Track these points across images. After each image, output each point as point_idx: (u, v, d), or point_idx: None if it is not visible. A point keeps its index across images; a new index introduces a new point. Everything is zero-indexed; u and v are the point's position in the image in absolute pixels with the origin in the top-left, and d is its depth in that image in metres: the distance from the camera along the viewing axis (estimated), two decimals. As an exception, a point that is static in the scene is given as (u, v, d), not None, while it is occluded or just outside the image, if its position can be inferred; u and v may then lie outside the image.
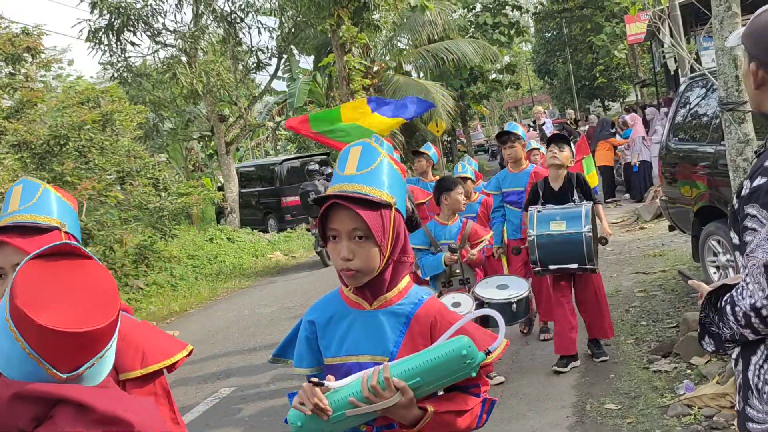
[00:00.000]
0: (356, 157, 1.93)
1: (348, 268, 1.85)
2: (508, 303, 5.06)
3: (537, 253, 5.33)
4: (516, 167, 6.46)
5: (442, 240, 5.43)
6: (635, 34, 23.46)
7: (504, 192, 6.46)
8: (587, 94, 42.42)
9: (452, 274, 5.39)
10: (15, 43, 13.13)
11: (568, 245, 5.23)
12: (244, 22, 17.88)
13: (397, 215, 1.90)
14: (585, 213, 5.27)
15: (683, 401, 4.52)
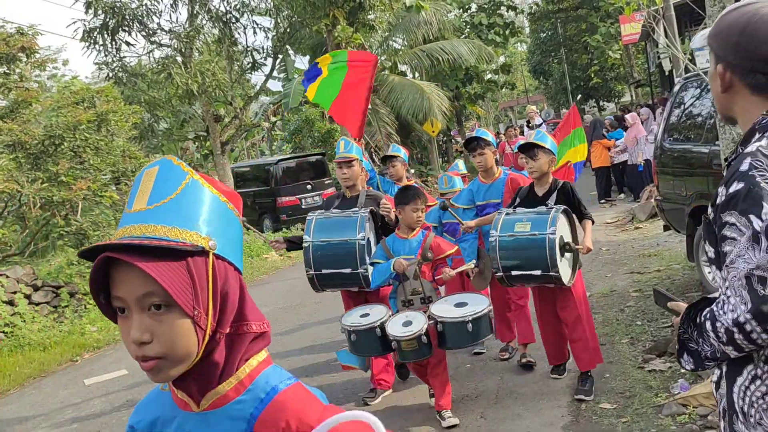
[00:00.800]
0: (149, 183, 1.25)
1: (145, 357, 1.20)
2: (463, 322, 4.64)
3: (498, 255, 4.85)
4: (488, 177, 5.86)
5: (401, 255, 4.95)
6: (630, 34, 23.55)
7: (479, 205, 5.84)
8: (582, 95, 42.51)
9: (413, 291, 4.96)
10: (9, 42, 13.11)
11: (530, 249, 4.72)
12: (239, 22, 17.85)
13: (220, 264, 1.24)
14: (552, 216, 4.73)
15: (678, 400, 4.54)
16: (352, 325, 4.89)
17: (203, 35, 17.91)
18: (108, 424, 6.28)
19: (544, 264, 4.67)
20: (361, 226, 5.18)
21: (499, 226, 4.88)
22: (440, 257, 5.00)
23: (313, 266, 5.23)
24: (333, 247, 5.21)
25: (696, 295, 6.86)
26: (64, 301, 10.88)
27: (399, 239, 5.08)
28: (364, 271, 5.13)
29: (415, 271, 4.92)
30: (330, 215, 5.37)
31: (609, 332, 6.36)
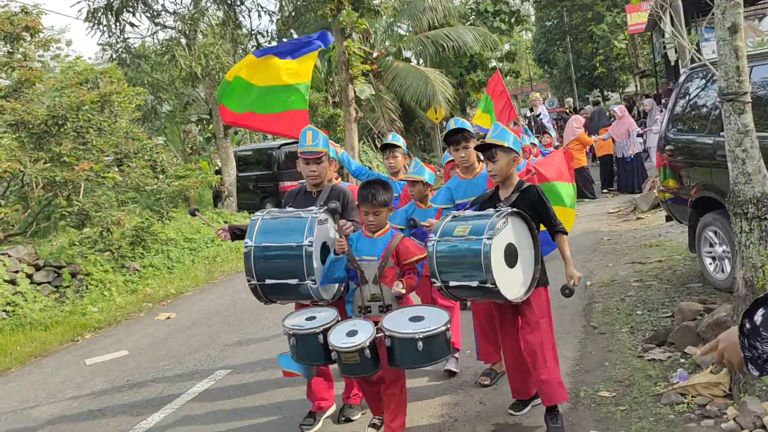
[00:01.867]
0: None
1: None
2: (412, 339, 4.03)
3: (435, 263, 4.12)
4: (469, 173, 5.27)
5: (363, 256, 4.46)
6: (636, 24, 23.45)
7: (459, 204, 5.18)
8: (587, 84, 42.38)
9: (372, 297, 4.41)
10: (13, 22, 13.07)
11: (466, 256, 4.02)
12: (244, 5, 17.81)
13: None
14: (493, 220, 4.02)
15: (677, 390, 4.55)
16: (293, 328, 4.36)
17: (208, 17, 17.86)
18: (109, 403, 6.32)
19: (480, 275, 3.94)
20: (310, 230, 4.35)
21: (439, 229, 4.20)
22: (407, 262, 4.46)
23: (255, 275, 4.42)
24: (276, 253, 4.40)
25: (697, 287, 6.87)
26: (66, 281, 10.91)
27: (363, 237, 4.57)
28: (312, 283, 4.33)
29: (376, 275, 4.38)
30: (278, 215, 4.58)
31: (609, 321, 6.37)
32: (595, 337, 6.06)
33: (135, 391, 6.54)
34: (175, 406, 5.95)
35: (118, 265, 11.88)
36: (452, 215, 4.31)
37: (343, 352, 4.12)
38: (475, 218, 4.16)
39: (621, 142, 14.71)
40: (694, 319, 5.51)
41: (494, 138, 4.40)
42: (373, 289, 4.40)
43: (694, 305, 5.74)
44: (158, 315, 9.74)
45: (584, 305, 7.09)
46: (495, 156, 4.36)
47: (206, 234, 14.13)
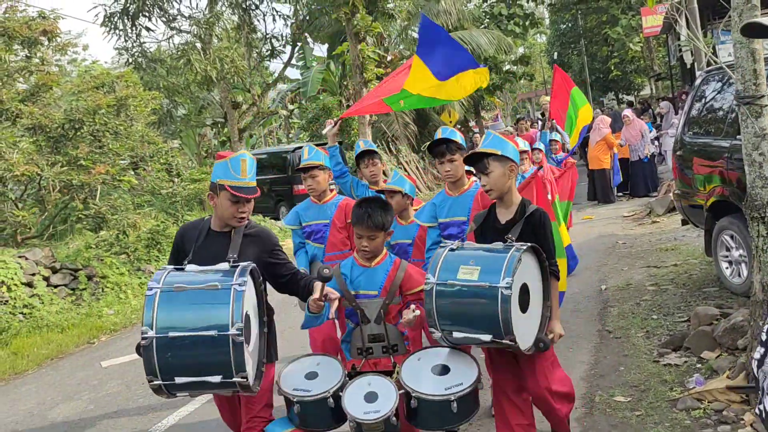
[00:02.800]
0: None
1: None
2: (446, 401, 3.42)
3: (435, 309, 3.40)
4: (456, 189, 4.65)
5: (361, 290, 3.78)
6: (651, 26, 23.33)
7: (442, 223, 4.65)
8: (601, 87, 42.21)
9: (373, 338, 3.77)
10: (31, 26, 13.19)
11: (477, 304, 3.32)
12: (258, 9, 17.89)
13: None
14: (511, 260, 3.31)
15: (693, 395, 4.52)
16: (296, 394, 3.63)
17: (223, 22, 17.97)
18: (124, 405, 6.36)
19: (496, 328, 3.27)
20: (237, 309, 3.13)
21: (438, 267, 3.43)
22: (412, 292, 3.78)
23: (160, 373, 3.16)
24: (191, 344, 3.14)
25: (713, 291, 6.82)
26: (82, 283, 10.99)
27: (358, 267, 3.83)
28: (242, 380, 3.16)
29: (380, 313, 3.75)
30: (184, 284, 3.25)
31: (624, 325, 6.34)
32: (610, 341, 6.03)
33: (150, 394, 6.56)
34: (189, 408, 5.97)
35: (134, 267, 11.95)
36: (449, 247, 3.53)
37: (366, 423, 3.42)
38: (484, 257, 3.44)
39: (635, 144, 14.64)
40: (711, 323, 5.48)
41: (486, 147, 3.74)
42: (376, 329, 3.76)
43: (711, 310, 5.70)
44: (173, 318, 9.77)
45: (599, 309, 7.06)
46: (487, 167, 3.69)
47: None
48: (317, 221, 5.44)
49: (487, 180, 3.71)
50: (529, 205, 3.77)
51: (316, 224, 5.45)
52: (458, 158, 4.51)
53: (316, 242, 5.46)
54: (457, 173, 4.55)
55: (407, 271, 3.85)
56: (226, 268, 3.31)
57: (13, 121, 12.40)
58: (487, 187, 3.73)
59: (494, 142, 3.77)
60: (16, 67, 13.54)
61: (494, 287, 3.25)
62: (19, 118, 12.37)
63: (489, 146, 3.74)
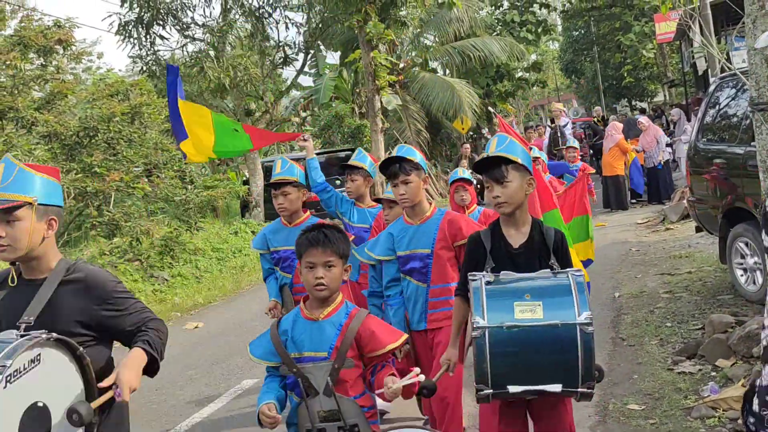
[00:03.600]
0: None
1: None
2: None
3: (490, 362, 2.74)
4: (416, 216, 3.94)
5: (305, 352, 2.85)
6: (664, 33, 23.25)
7: (401, 257, 3.94)
8: (614, 94, 42.09)
9: (326, 416, 2.77)
10: (47, 35, 13.33)
11: (548, 349, 2.76)
12: (272, 17, 17.97)
13: None
14: (579, 290, 2.84)
15: (707, 403, 4.49)
16: None
17: (236, 30, 18.05)
18: (137, 411, 6.38)
19: (571, 375, 2.78)
20: None
21: (484, 307, 2.75)
22: (375, 355, 2.86)
23: None
24: None
25: (728, 299, 6.77)
26: (96, 290, 11.04)
27: (303, 320, 2.91)
28: None
29: (328, 382, 2.76)
30: None
31: (638, 333, 6.31)
32: (624, 349, 6.00)
33: (163, 400, 6.59)
34: (203, 414, 5.99)
35: (147, 274, 12.01)
36: (485, 281, 2.87)
37: None
38: (540, 288, 2.85)
39: (650, 151, 14.58)
40: (725, 331, 5.44)
41: (503, 152, 3.06)
42: (327, 403, 2.77)
43: (725, 317, 5.66)
44: (186, 324, 9.82)
45: (613, 317, 7.02)
46: (505, 176, 3.03)
47: (233, 244, 14.25)
48: (286, 247, 4.68)
49: (503, 192, 3.03)
50: (542, 224, 3.20)
51: (285, 250, 4.74)
52: (415, 180, 3.85)
53: (284, 271, 4.85)
54: (413, 197, 3.88)
55: (367, 323, 2.86)
56: (9, 338, 2.31)
57: (28, 129, 12.52)
58: (501, 200, 3.04)
59: (512, 148, 3.10)
60: (32, 76, 13.68)
61: (570, 325, 2.73)
62: (35, 126, 12.49)
63: (507, 152, 3.07)
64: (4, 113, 12.28)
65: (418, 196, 3.91)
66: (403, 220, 4.02)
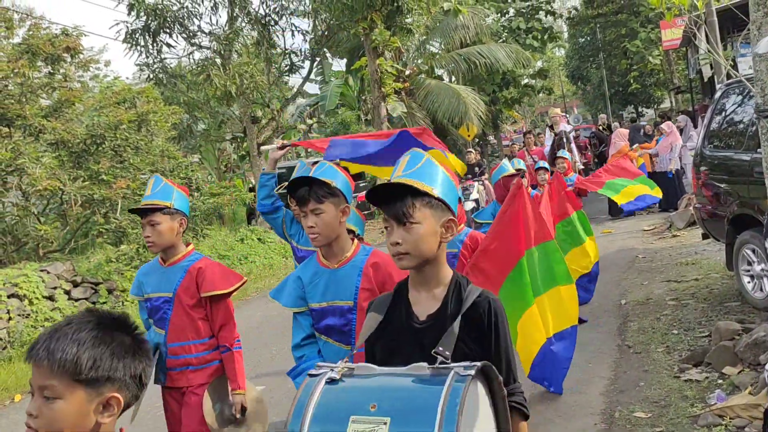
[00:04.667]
0: None
1: None
2: None
3: None
4: (333, 256, 3.09)
5: None
6: (670, 39, 23.26)
7: (315, 310, 3.09)
8: (621, 100, 42.05)
9: None
10: (54, 43, 13.40)
11: None
12: (278, 25, 18.04)
13: None
14: (449, 402, 1.75)
15: (714, 411, 4.47)
16: None
17: (242, 38, 18.13)
18: (142, 417, 6.38)
19: None
20: None
21: (306, 420, 1.84)
22: None
23: None
24: None
25: (735, 306, 6.75)
26: (103, 297, 11.08)
27: None
28: None
29: None
30: None
31: (644, 341, 6.28)
32: (630, 356, 5.98)
33: (169, 407, 6.59)
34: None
35: (154, 281, 12.03)
36: (326, 375, 1.94)
37: None
38: (396, 393, 1.87)
39: (662, 156, 14.55)
40: (732, 338, 5.42)
41: (412, 177, 2.14)
42: None
43: (732, 325, 5.64)
44: (192, 331, 9.82)
45: (619, 324, 7.00)
46: (411, 214, 2.12)
47: (239, 251, 14.27)
48: (159, 293, 3.74)
49: (406, 237, 2.11)
50: (468, 285, 2.17)
51: (157, 297, 3.74)
52: (329, 210, 2.95)
53: (157, 325, 3.77)
54: (327, 232, 2.96)
55: None
56: None
57: (36, 137, 12.58)
58: (401, 248, 2.11)
59: (428, 172, 2.17)
60: (40, 84, 13.74)
61: None
62: (42, 134, 12.54)
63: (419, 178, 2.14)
64: (12, 121, 12.34)
65: (335, 231, 2.98)
66: (316, 260, 3.12)
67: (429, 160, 2.19)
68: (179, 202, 3.69)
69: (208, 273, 3.71)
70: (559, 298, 4.93)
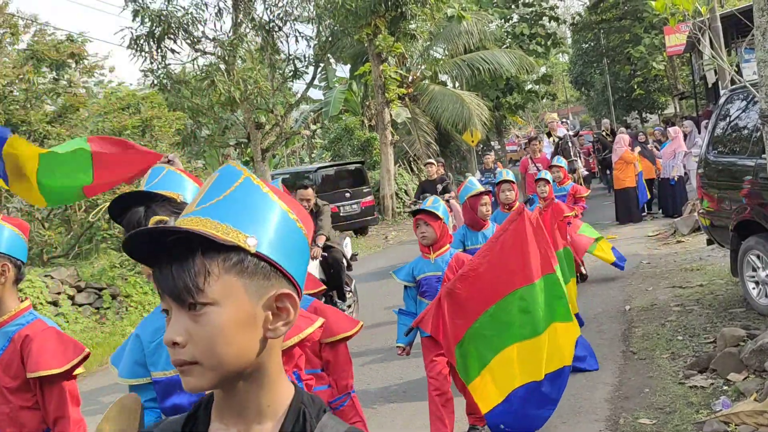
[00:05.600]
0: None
1: None
2: None
3: None
4: None
5: None
6: (674, 45, 23.26)
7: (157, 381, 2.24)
8: (625, 106, 42.01)
9: None
10: (59, 49, 13.45)
11: None
12: (282, 31, 18.07)
13: None
14: None
15: (719, 418, 4.44)
16: None
17: (246, 43, 18.15)
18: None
19: None
20: None
21: None
22: None
23: None
24: None
25: (740, 312, 6.73)
26: (106, 302, 11.08)
27: None
28: None
29: None
30: None
31: (649, 347, 6.26)
32: (635, 362, 5.96)
33: (172, 413, 6.58)
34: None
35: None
36: None
37: None
38: None
39: (666, 162, 14.54)
40: (737, 345, 5.39)
41: (200, 216, 1.15)
42: None
43: (737, 331, 5.62)
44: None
45: (623, 330, 6.98)
46: (201, 289, 1.11)
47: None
48: None
49: (196, 332, 1.12)
50: (321, 416, 1.17)
51: None
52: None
53: None
54: None
55: None
56: None
57: (41, 142, 12.60)
58: (183, 356, 1.12)
59: (247, 210, 1.16)
60: (45, 89, 13.79)
61: None
62: (47, 139, 12.57)
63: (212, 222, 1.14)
64: (17, 126, 12.37)
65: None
66: None
67: (248, 184, 1.20)
68: (7, 243, 2.63)
69: (36, 344, 2.58)
70: (554, 336, 4.31)
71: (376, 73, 17.13)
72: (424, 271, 4.50)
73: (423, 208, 4.43)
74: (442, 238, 4.46)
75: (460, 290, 4.08)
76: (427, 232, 4.41)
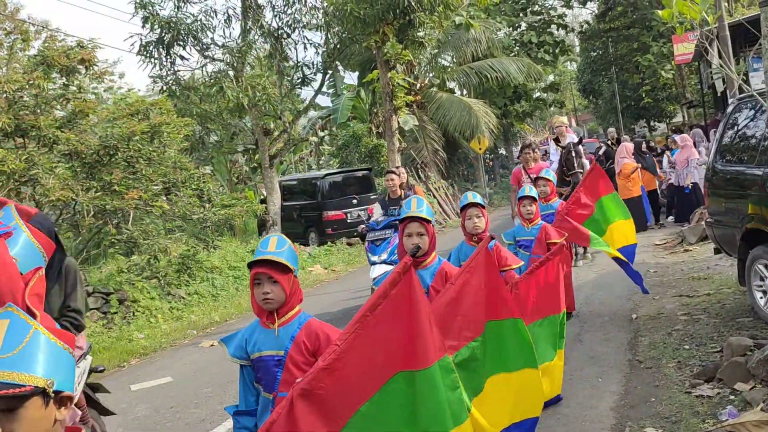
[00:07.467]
0: None
1: None
2: None
3: None
4: None
5: None
6: (683, 54, 23.21)
7: None
8: (633, 114, 41.96)
9: None
10: (70, 55, 13.51)
11: None
12: (290, 38, 18.12)
13: None
14: None
15: (726, 427, 4.43)
16: None
17: (255, 50, 18.22)
18: (152, 429, 6.39)
19: None
20: None
21: None
22: None
23: None
24: None
25: (747, 321, 6.70)
26: (114, 307, 11.12)
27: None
28: None
29: None
30: None
31: (656, 356, 6.24)
32: (641, 371, 5.94)
33: (178, 418, 6.60)
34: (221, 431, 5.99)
35: (164, 292, 12.07)
36: None
37: None
38: None
39: (679, 171, 14.50)
40: (744, 354, 5.37)
41: None
42: None
43: (744, 340, 5.60)
44: (202, 342, 9.84)
45: (630, 338, 6.96)
46: None
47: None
48: None
49: None
50: None
51: None
52: None
53: None
54: None
55: None
56: None
57: (50, 148, 12.67)
58: None
59: None
60: (55, 95, 13.85)
61: None
62: (56, 144, 12.63)
63: None
64: (26, 131, 12.44)
65: None
66: None
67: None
68: None
69: None
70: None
71: (384, 80, 17.16)
72: None
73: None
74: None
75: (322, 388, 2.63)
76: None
